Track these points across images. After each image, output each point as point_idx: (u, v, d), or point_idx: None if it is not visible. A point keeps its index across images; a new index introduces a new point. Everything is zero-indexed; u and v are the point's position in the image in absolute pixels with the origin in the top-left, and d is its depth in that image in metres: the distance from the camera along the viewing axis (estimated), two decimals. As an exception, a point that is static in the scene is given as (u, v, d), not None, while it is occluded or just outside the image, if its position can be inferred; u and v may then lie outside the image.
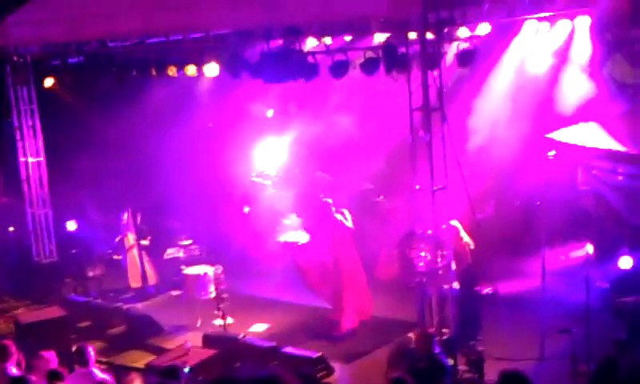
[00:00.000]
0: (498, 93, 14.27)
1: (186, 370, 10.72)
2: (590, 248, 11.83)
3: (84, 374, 10.04)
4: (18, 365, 10.37)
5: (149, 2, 14.53)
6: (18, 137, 17.61)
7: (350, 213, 14.78)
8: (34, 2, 15.48)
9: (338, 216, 14.62)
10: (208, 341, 13.58)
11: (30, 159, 17.67)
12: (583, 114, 13.75)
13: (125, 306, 15.82)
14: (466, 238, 12.95)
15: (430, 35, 12.13)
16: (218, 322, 14.64)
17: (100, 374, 10.06)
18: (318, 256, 15.03)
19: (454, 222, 12.83)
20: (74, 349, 11.45)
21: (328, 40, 13.93)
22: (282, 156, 17.97)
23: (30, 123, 17.65)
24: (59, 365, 10.14)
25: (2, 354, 10.21)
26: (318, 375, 12.31)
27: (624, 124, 13.18)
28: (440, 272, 12.28)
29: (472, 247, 12.96)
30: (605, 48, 13.14)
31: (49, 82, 17.04)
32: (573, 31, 13.12)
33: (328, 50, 13.70)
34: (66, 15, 15.31)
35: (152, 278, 17.19)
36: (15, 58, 17.26)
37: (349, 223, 14.64)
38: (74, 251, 17.84)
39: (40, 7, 15.60)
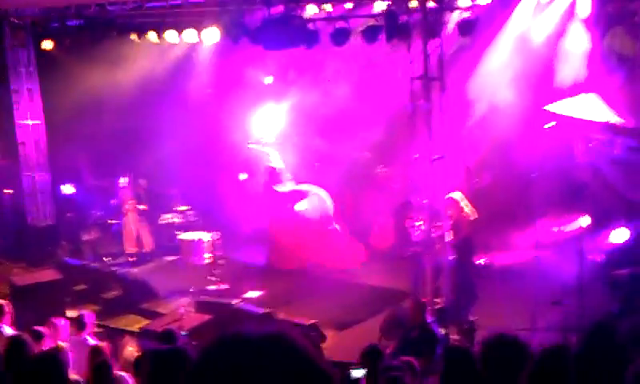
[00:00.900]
0: (498, 63, 14.16)
1: (183, 333, 10.75)
2: (585, 220, 11.80)
3: (77, 341, 10.03)
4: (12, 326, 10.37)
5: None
6: (15, 99, 17.50)
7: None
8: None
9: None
10: (202, 306, 13.58)
11: (29, 122, 17.59)
12: (583, 85, 13.65)
13: (120, 271, 15.81)
14: (467, 209, 12.85)
15: (431, 4, 12.08)
16: (213, 287, 14.67)
17: (92, 341, 10.04)
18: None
19: (456, 194, 12.78)
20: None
21: (329, 7, 13.85)
22: (280, 123, 17.89)
23: (29, 86, 17.55)
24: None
25: (-4, 313, 10.21)
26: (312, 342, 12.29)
27: (623, 96, 13.09)
28: (435, 242, 12.28)
29: (475, 217, 12.84)
30: (605, 19, 13.02)
31: (47, 44, 16.95)
32: (574, 2, 13.00)
33: (329, 17, 13.65)
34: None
35: (148, 244, 17.18)
36: (14, 20, 17.13)
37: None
38: (69, 215, 17.83)
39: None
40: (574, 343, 10.43)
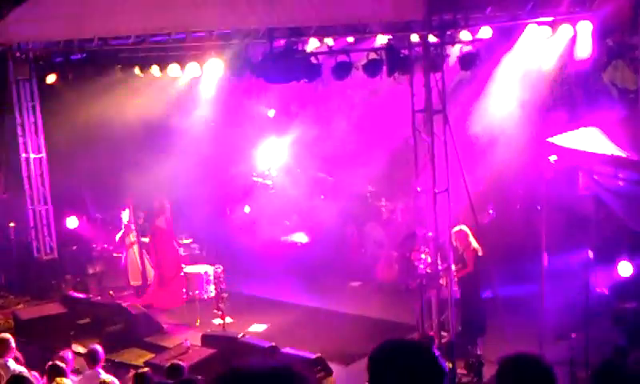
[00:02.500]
0: (499, 95, 14.25)
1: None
2: (589, 253, 11.82)
3: (91, 375, 10.05)
4: (16, 360, 10.39)
5: (150, 0, 14.54)
6: (20, 133, 17.57)
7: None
8: (35, -2, 15.52)
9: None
10: (207, 340, 13.59)
11: (32, 155, 17.64)
12: (584, 119, 13.73)
13: (124, 304, 15.80)
14: (474, 244, 12.87)
15: (432, 38, 12.13)
16: (218, 321, 14.67)
17: (104, 375, 10.07)
18: None
19: (464, 227, 12.81)
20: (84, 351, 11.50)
21: (330, 41, 13.93)
22: (283, 156, 17.94)
23: (32, 119, 17.61)
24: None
25: (2, 347, 10.23)
26: (317, 376, 12.28)
27: (625, 130, 13.15)
28: (440, 275, 12.30)
29: (480, 254, 12.86)
30: (606, 53, 13.11)
31: (51, 78, 17.02)
32: (575, 36, 13.09)
33: (331, 51, 13.71)
34: (67, 12, 15.31)
35: (151, 276, 17.15)
36: (17, 54, 17.23)
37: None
38: (74, 248, 17.83)
39: (41, 4, 15.60)
40: (582, 378, 10.51)
